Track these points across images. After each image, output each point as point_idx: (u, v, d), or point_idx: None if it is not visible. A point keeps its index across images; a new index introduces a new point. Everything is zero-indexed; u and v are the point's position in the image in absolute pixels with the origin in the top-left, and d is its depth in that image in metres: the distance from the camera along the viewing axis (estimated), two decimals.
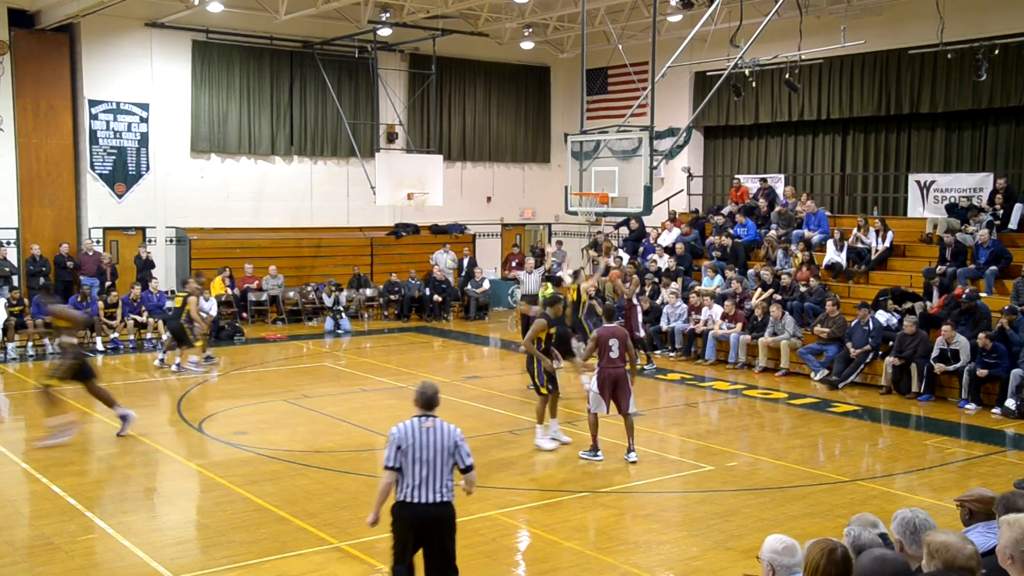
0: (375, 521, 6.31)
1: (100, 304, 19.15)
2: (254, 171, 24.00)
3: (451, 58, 26.00)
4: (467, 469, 6.41)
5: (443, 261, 24.37)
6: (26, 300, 18.84)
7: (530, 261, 20.52)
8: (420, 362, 18.14)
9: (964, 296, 15.34)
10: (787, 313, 17.17)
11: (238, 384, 15.98)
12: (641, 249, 22.26)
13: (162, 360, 17.02)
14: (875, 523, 5.00)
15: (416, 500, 6.19)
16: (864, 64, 21.31)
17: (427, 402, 6.43)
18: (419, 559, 6.43)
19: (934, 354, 14.71)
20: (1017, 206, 17.66)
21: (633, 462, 10.99)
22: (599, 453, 11.17)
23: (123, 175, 22.08)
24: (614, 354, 10.92)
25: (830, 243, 18.95)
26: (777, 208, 21.03)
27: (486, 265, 26.53)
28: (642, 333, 17.13)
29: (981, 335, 14.14)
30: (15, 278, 20.06)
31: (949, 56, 18.69)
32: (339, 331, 21.65)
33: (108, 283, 20.38)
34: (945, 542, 4.30)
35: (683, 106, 24.80)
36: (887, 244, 18.41)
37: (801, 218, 20.21)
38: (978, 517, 5.22)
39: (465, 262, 24.98)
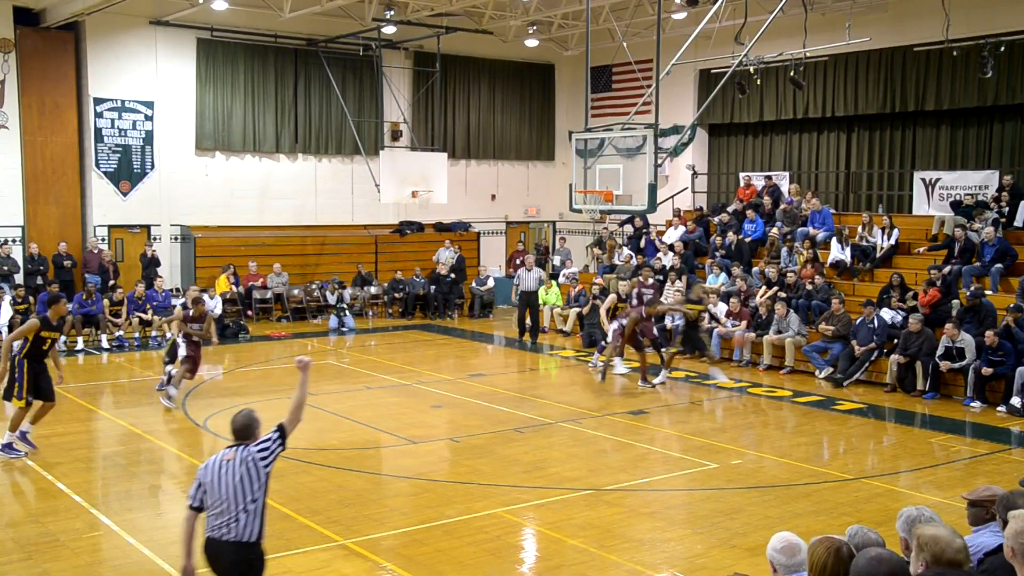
0: None
1: (105, 302, 19.17)
2: (259, 169, 24.02)
3: (455, 56, 26.00)
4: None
5: (445, 257, 24.35)
6: (31, 298, 18.86)
7: (530, 258, 20.51)
8: (424, 360, 18.15)
9: (970, 295, 15.33)
10: (792, 311, 17.15)
11: (243, 382, 16.00)
12: (642, 245, 22.25)
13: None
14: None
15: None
16: (869, 61, 21.26)
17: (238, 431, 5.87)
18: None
19: (939, 352, 14.69)
20: (1022, 203, 17.61)
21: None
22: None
23: (128, 173, 22.12)
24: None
25: (834, 241, 18.92)
26: (782, 206, 21.00)
27: (490, 263, 26.54)
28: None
29: (989, 333, 14.10)
30: (17, 276, 20.05)
31: (955, 53, 18.64)
32: (343, 329, 21.66)
33: (111, 281, 20.41)
34: (935, 535, 4.26)
35: (688, 104, 24.77)
36: (892, 241, 18.37)
37: (806, 216, 20.18)
38: (985, 517, 5.21)
39: (455, 259, 24.59)
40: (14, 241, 20.83)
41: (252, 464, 5.74)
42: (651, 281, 17.07)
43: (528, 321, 20.35)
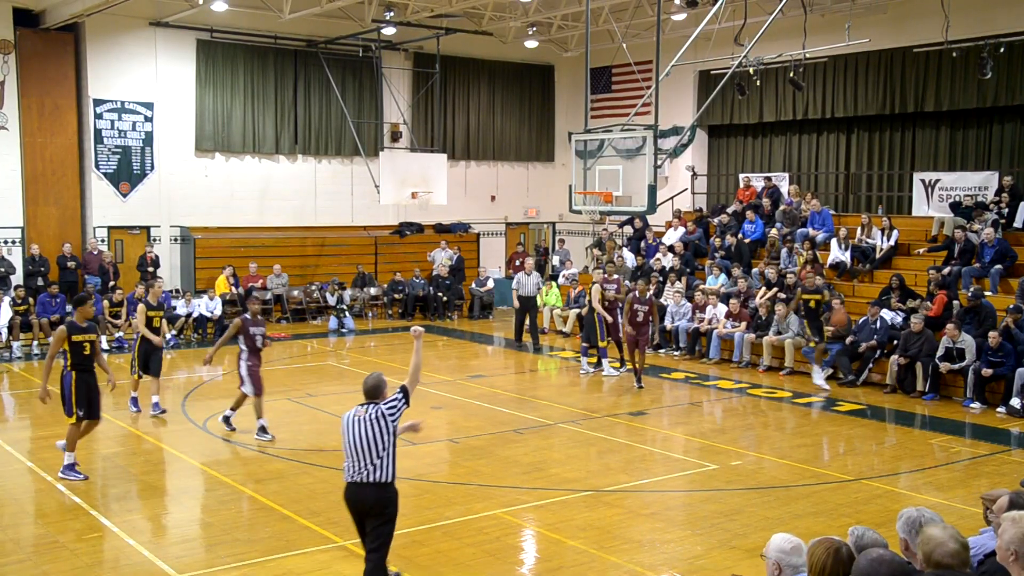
0: None
1: (105, 303, 19.16)
2: (258, 170, 24.02)
3: (455, 57, 26.01)
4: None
5: (440, 258, 24.34)
6: (31, 300, 18.86)
7: (529, 262, 20.45)
8: (424, 361, 18.07)
9: (970, 296, 15.33)
10: (791, 312, 17.14)
11: None
12: (643, 247, 22.25)
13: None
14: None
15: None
16: (869, 62, 21.27)
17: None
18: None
19: (939, 353, 14.69)
20: (1022, 205, 17.62)
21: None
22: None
23: (128, 174, 22.12)
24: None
25: (834, 242, 18.93)
26: (782, 207, 21.00)
27: (490, 264, 26.54)
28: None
29: (992, 333, 14.11)
30: (13, 277, 19.99)
31: (954, 54, 18.65)
32: (343, 330, 21.66)
33: (111, 282, 20.40)
34: (930, 535, 4.23)
35: (687, 105, 24.78)
36: (892, 243, 18.38)
37: (806, 217, 20.18)
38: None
39: (452, 260, 24.61)
40: (13, 243, 20.84)
41: (381, 418, 6.73)
42: (615, 277, 17.33)
43: (527, 325, 20.14)
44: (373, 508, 6.66)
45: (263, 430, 11.94)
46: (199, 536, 8.82)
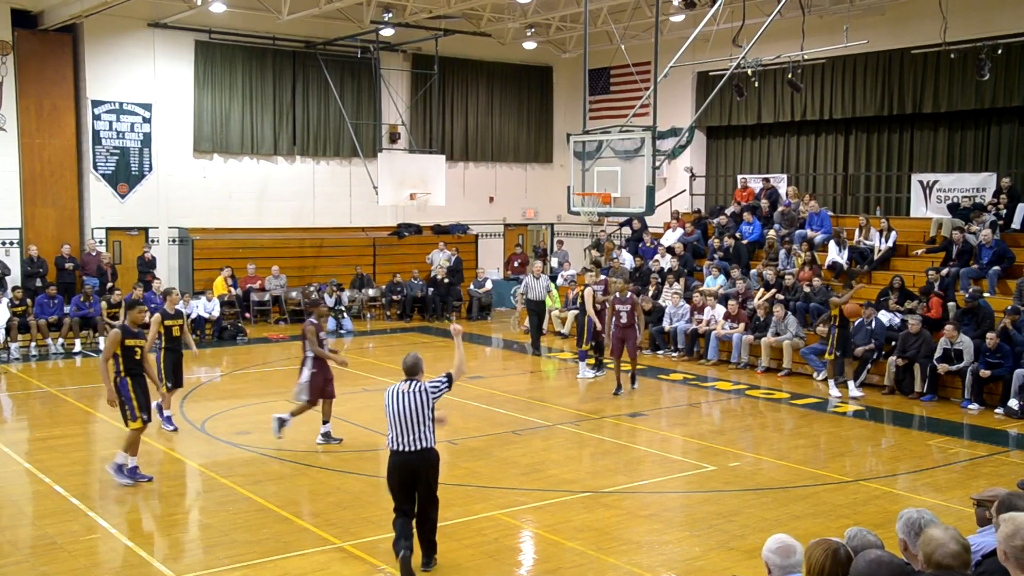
0: None
1: (103, 304, 19.15)
2: (257, 171, 24.02)
3: (453, 58, 26.01)
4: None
5: (438, 260, 24.34)
6: (29, 301, 18.83)
7: (537, 265, 20.14)
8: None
9: (967, 297, 15.34)
10: (790, 313, 17.16)
11: (241, 384, 15.98)
12: (640, 248, 22.26)
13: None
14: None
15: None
16: (867, 64, 21.28)
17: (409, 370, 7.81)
18: None
19: (937, 354, 14.70)
20: (1020, 206, 17.63)
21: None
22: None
23: (126, 175, 22.10)
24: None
25: (832, 243, 18.94)
26: (780, 208, 21.02)
27: (489, 265, 26.53)
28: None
29: (989, 335, 14.12)
30: (11, 278, 19.96)
31: (952, 56, 18.67)
32: (341, 331, 21.65)
33: (109, 283, 20.39)
34: (931, 536, 4.24)
35: (686, 106, 24.79)
36: (890, 244, 18.39)
37: (804, 218, 20.20)
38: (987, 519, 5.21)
39: (451, 261, 24.52)
40: (12, 244, 20.81)
41: (424, 393, 7.60)
42: (601, 277, 17.37)
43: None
44: (419, 472, 7.49)
45: (327, 435, 11.89)
46: (197, 537, 8.81)
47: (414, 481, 7.51)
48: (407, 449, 7.47)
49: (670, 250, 21.17)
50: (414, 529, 7.61)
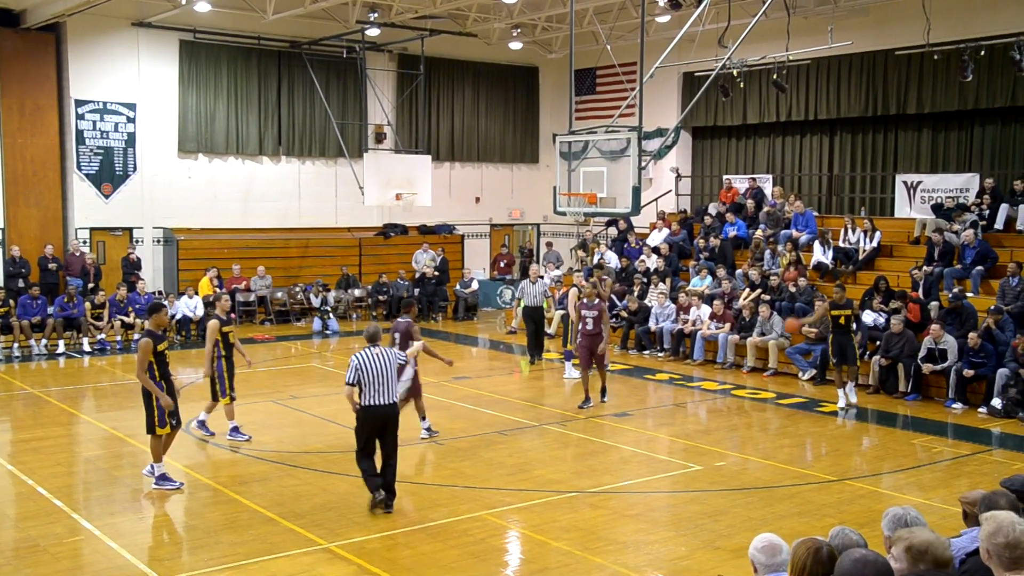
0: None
1: (87, 305, 19.04)
2: (242, 171, 23.93)
3: (439, 58, 25.99)
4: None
5: (422, 260, 24.30)
6: (11, 302, 18.69)
7: (535, 268, 19.62)
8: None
9: (951, 297, 15.43)
10: (775, 313, 17.22)
11: None
12: (625, 248, 22.28)
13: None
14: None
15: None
16: (851, 65, 21.39)
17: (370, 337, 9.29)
18: None
19: (921, 354, 14.78)
20: (1003, 206, 17.75)
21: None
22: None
23: (110, 175, 21.98)
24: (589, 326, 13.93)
25: (817, 243, 19.01)
26: (765, 208, 21.09)
27: (475, 266, 26.52)
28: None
29: (972, 335, 14.20)
30: None
31: (935, 57, 18.77)
32: (327, 332, 21.60)
33: (92, 284, 20.26)
34: (918, 536, 4.26)
35: (671, 106, 24.85)
36: (875, 244, 18.48)
37: (789, 218, 20.27)
38: (972, 519, 5.23)
39: (436, 261, 24.44)
40: None
41: (391, 355, 9.23)
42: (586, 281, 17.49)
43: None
44: (388, 422, 9.10)
45: (428, 430, 12.01)
46: (182, 539, 8.77)
47: (384, 430, 9.06)
48: (381, 403, 8.97)
49: (656, 250, 21.21)
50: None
